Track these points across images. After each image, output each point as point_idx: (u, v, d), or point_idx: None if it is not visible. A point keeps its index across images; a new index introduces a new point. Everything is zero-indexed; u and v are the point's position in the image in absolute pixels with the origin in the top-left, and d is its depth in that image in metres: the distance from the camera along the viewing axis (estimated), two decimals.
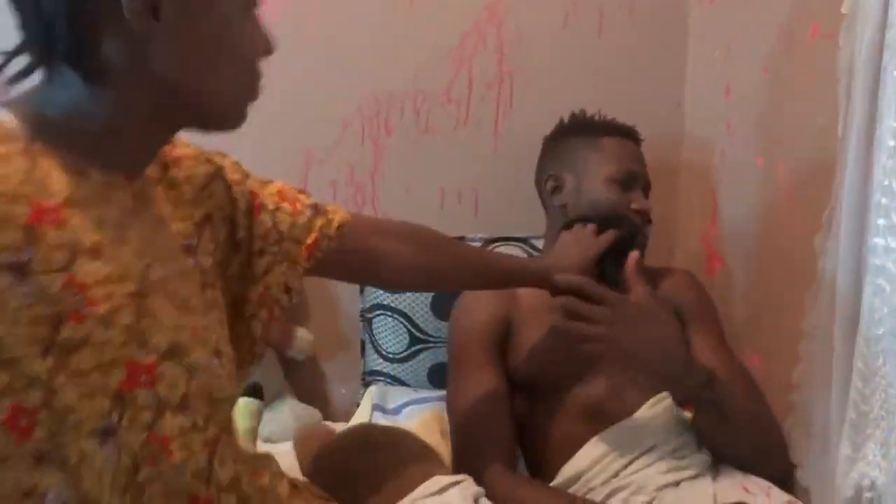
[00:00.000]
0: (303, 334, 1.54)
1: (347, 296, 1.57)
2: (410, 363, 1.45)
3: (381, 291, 1.46)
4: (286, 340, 1.52)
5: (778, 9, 1.27)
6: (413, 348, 1.44)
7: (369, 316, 1.48)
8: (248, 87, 0.66)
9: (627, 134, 1.33)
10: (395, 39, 1.56)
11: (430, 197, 1.59)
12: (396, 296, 1.44)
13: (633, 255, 1.08)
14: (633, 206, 1.25)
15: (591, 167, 1.29)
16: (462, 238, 1.49)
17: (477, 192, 1.60)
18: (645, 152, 1.53)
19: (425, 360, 1.44)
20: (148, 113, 0.61)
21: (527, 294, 1.28)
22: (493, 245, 1.49)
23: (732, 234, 1.43)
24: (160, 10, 0.57)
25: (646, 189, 1.30)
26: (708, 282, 1.42)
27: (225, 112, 0.65)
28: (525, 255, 1.47)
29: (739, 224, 1.40)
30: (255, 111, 1.53)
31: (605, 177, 1.26)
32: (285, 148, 1.57)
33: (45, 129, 0.57)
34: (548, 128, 1.40)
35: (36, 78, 0.60)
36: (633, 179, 1.27)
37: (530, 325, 1.24)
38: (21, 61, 0.60)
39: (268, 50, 0.68)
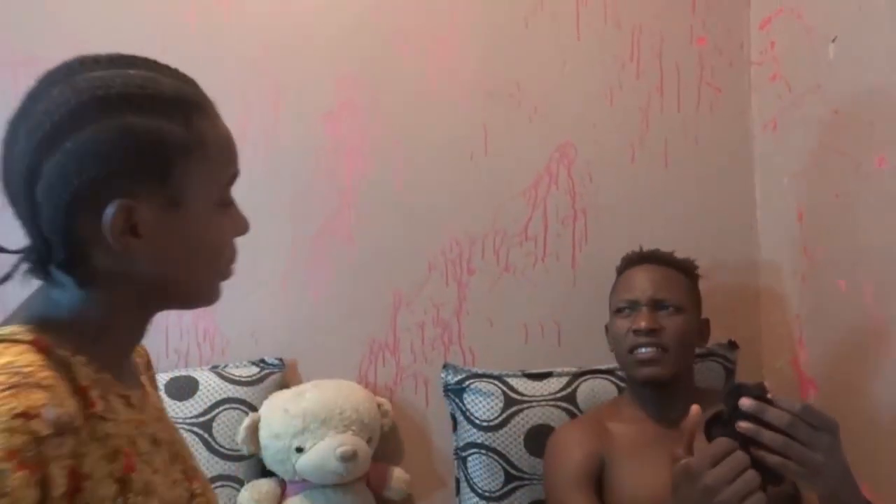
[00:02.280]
0: (398, 474, 1.57)
1: (440, 434, 1.62)
2: (507, 501, 1.46)
3: (474, 429, 1.49)
4: (382, 480, 1.56)
5: (841, 136, 1.32)
6: (509, 486, 1.46)
7: (463, 454, 1.51)
8: (222, 271, 0.72)
9: (637, 261, 1.38)
10: (472, 185, 1.66)
11: (513, 332, 1.65)
12: (489, 433, 1.47)
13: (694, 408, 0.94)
14: (633, 327, 1.28)
15: (610, 308, 1.38)
16: (550, 373, 1.53)
17: (559, 325, 1.65)
18: (720, 279, 1.56)
19: (522, 498, 1.45)
20: (135, 307, 0.68)
21: (619, 427, 1.30)
22: (581, 379, 1.51)
23: (823, 357, 1.42)
24: (138, 228, 0.63)
25: (660, 305, 1.28)
26: None
27: (201, 295, 0.72)
28: (613, 387, 1.50)
29: (830, 348, 1.39)
30: (349, 258, 1.66)
31: (613, 311, 1.35)
32: (376, 291, 1.66)
33: (55, 333, 0.63)
34: None
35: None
36: (632, 305, 1.31)
37: (625, 459, 1.25)
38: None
39: (241, 231, 0.73)
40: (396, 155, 1.66)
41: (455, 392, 1.53)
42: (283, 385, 1.60)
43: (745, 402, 0.84)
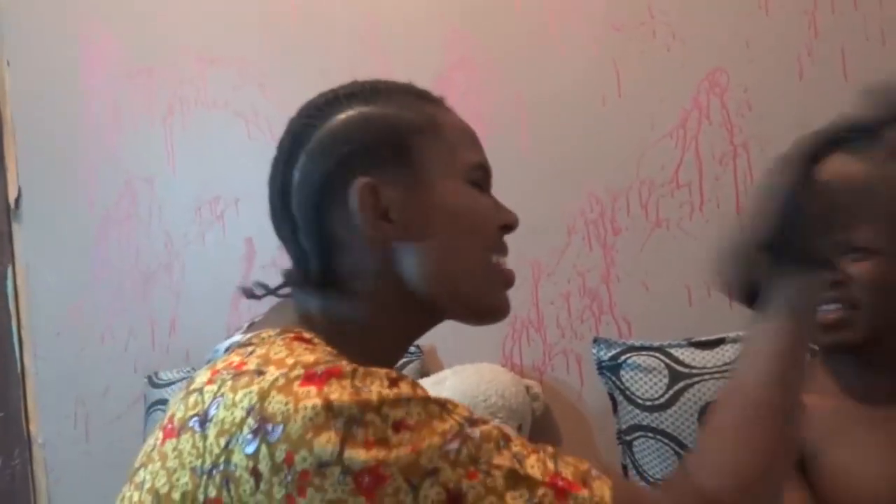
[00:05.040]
0: None
1: (600, 416, 1.44)
2: None
3: (637, 409, 1.31)
4: None
5: None
6: None
7: (627, 438, 1.33)
8: (495, 267, 0.67)
9: None
10: (608, 132, 1.47)
11: (674, 296, 1.44)
12: (656, 414, 1.28)
13: None
14: None
15: None
16: (722, 340, 1.31)
17: None
18: None
19: None
20: (404, 309, 0.64)
21: (817, 402, 1.05)
22: None
23: None
24: (389, 213, 0.62)
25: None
26: None
27: (477, 292, 0.66)
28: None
29: None
30: None
31: None
32: (512, 263, 1.48)
33: (329, 335, 0.60)
34: None
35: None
36: None
37: (838, 444, 1.01)
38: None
39: (507, 220, 0.67)
40: (518, 111, 1.51)
41: (610, 369, 1.35)
42: (423, 373, 1.50)
43: None
